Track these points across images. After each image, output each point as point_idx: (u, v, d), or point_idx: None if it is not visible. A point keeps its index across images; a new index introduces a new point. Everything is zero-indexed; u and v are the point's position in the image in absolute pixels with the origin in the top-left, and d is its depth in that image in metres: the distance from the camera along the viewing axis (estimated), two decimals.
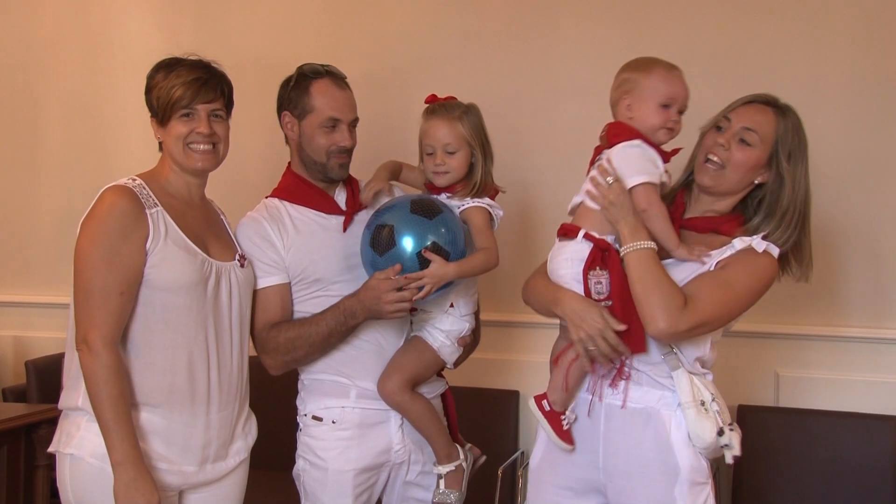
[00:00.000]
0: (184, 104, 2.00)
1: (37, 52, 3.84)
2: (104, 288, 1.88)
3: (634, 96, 1.93)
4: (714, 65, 3.05)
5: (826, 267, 3.03)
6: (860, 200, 3.01)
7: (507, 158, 3.21)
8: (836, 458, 2.86)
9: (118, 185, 1.98)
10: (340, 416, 2.19)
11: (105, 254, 1.89)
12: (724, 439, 1.86)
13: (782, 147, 1.91)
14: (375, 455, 2.21)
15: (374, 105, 2.38)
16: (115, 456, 1.86)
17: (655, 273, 1.85)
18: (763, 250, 1.89)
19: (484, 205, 2.15)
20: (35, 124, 3.87)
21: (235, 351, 2.08)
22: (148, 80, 2.06)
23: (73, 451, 1.95)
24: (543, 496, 2.03)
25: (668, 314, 1.81)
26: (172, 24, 3.65)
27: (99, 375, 1.86)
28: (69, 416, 2.00)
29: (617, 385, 1.92)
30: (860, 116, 3.00)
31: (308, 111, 2.20)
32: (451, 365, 2.26)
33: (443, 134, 2.13)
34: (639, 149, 1.91)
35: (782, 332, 3.05)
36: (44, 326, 3.72)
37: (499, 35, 3.30)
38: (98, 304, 1.88)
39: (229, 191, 2.43)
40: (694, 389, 1.87)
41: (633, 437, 1.91)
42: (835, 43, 3.01)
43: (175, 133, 2.02)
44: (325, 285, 2.19)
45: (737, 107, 1.95)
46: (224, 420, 2.05)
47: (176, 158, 2.04)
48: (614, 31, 3.18)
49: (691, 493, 1.88)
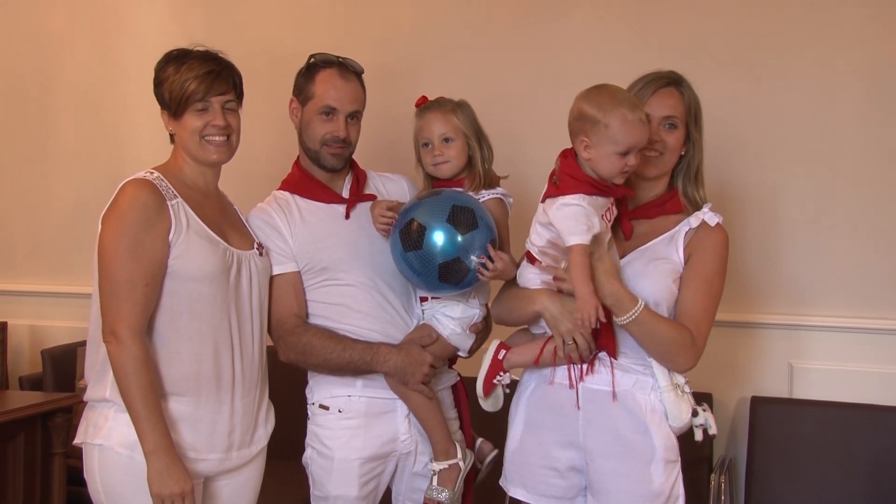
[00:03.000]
0: (199, 97, 2.01)
1: (49, 44, 3.86)
2: (130, 280, 1.90)
3: (593, 140, 1.91)
4: (724, 56, 3.03)
5: (841, 257, 3.01)
6: (875, 190, 2.98)
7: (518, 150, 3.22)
8: (850, 449, 2.84)
9: (138, 178, 1.99)
10: (347, 404, 2.21)
11: (129, 246, 1.91)
12: (698, 419, 1.99)
13: (690, 117, 2.05)
14: (381, 444, 2.22)
15: (384, 96, 2.38)
16: (147, 445, 1.88)
17: (658, 326, 1.94)
18: (715, 224, 2.00)
19: (499, 195, 2.19)
20: (47, 116, 3.89)
21: (256, 338, 2.11)
22: (157, 73, 2.06)
23: (102, 441, 1.96)
24: (525, 476, 2.08)
25: (687, 354, 1.96)
26: (184, 16, 3.66)
27: (128, 366, 1.88)
28: (96, 407, 2.01)
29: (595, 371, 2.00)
30: (873, 105, 2.97)
31: (309, 97, 2.24)
32: (466, 353, 2.26)
33: (438, 125, 2.16)
34: (577, 207, 1.90)
35: (796, 324, 3.03)
36: (58, 315, 3.75)
37: (508, 26, 3.29)
38: (124, 296, 1.90)
39: (241, 182, 2.44)
40: (671, 374, 1.98)
41: (611, 419, 1.98)
42: (846, 32, 2.97)
43: (191, 127, 2.03)
44: (333, 273, 2.21)
45: (647, 99, 2.02)
46: (247, 407, 2.08)
47: (191, 151, 2.06)
48: (624, 22, 3.16)
49: (665, 470, 1.98)
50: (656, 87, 2.04)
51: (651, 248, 2.02)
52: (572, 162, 1.96)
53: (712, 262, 1.99)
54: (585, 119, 1.91)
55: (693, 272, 1.98)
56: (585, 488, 2.04)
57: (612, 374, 1.98)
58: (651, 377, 1.98)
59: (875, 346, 2.98)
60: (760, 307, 3.07)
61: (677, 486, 2.00)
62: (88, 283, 2.02)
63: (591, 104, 1.91)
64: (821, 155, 3.01)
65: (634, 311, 1.91)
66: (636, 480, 1.97)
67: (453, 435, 2.27)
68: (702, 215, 2.01)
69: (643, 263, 2.00)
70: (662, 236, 2.03)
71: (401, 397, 2.21)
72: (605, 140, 1.90)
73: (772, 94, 3.01)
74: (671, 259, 1.99)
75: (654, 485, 1.97)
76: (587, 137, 1.91)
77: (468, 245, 2.03)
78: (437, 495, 2.19)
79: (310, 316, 2.24)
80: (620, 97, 1.93)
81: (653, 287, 1.96)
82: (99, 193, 3.82)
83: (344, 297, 2.21)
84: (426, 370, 2.14)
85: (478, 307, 2.23)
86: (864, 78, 2.97)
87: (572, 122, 1.96)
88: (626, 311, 1.91)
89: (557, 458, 2.03)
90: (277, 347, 2.23)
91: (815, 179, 3.01)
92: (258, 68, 2.77)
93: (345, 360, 2.16)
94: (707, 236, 2.00)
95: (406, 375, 2.15)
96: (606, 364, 2.00)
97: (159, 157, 2.13)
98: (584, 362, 1.99)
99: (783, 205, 3.04)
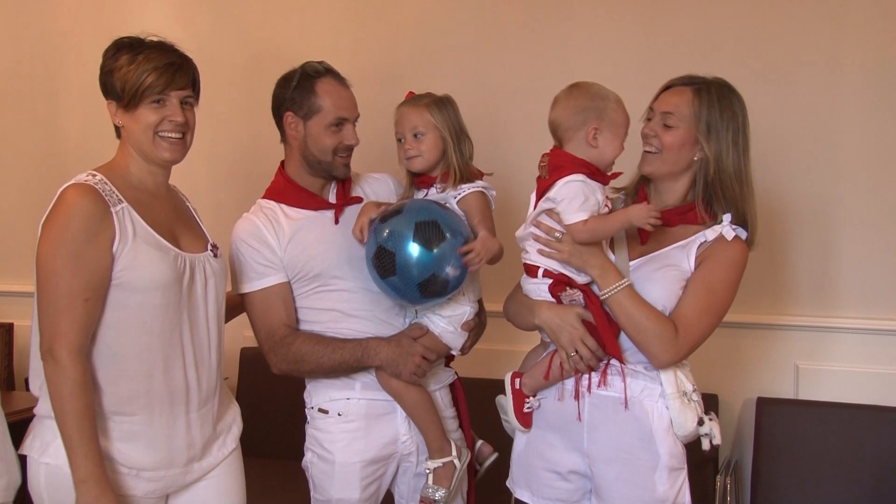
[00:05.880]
0: (157, 90, 1.88)
1: (56, 44, 3.87)
2: (69, 295, 1.78)
3: (604, 125, 1.95)
4: (731, 51, 3.02)
5: (847, 258, 3.00)
6: (880, 190, 2.97)
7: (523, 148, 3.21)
8: (857, 450, 2.83)
9: (79, 183, 1.85)
10: (346, 408, 2.21)
11: (69, 259, 1.78)
12: (704, 428, 1.98)
13: (699, 123, 1.97)
14: (382, 446, 2.22)
15: (389, 97, 2.37)
16: (79, 474, 1.77)
17: (640, 310, 1.93)
18: (733, 238, 1.96)
19: (479, 188, 2.16)
20: (55, 116, 3.90)
21: (213, 344, 2.01)
22: (107, 60, 1.92)
23: (50, 460, 1.85)
24: (531, 479, 2.09)
25: (666, 347, 1.92)
26: (190, 16, 3.66)
27: (64, 389, 1.76)
28: (44, 421, 1.89)
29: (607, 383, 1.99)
30: (883, 99, 2.95)
31: (315, 111, 2.20)
32: (458, 351, 2.25)
33: (410, 119, 2.15)
34: (581, 183, 1.94)
35: (802, 324, 3.02)
36: None
37: (514, 25, 3.28)
38: (63, 311, 1.77)
39: (250, 184, 2.43)
40: (678, 381, 1.97)
41: (616, 426, 1.98)
42: (856, 25, 2.95)
43: (145, 121, 1.90)
44: (325, 280, 2.20)
45: (658, 95, 2.03)
46: (205, 417, 1.99)
47: (142, 147, 1.93)
48: (631, 22, 3.15)
49: (670, 478, 1.97)
50: (670, 84, 2.04)
51: (664, 254, 2.01)
52: (562, 152, 1.98)
53: (720, 271, 1.97)
54: (589, 109, 1.96)
55: (697, 278, 1.97)
56: (590, 492, 2.04)
57: (624, 383, 1.97)
58: (658, 384, 1.97)
59: (882, 346, 2.96)
60: (766, 308, 3.06)
61: (683, 493, 2.00)
62: None
63: (589, 96, 1.97)
64: (826, 155, 3.00)
65: (618, 286, 1.92)
66: (639, 487, 1.97)
67: (452, 434, 2.27)
68: (720, 228, 1.97)
69: (653, 268, 1.99)
70: (677, 244, 2.01)
71: (393, 396, 2.20)
72: (612, 124, 1.96)
73: (779, 93, 3.00)
74: (681, 267, 1.98)
75: (658, 492, 1.97)
76: (597, 124, 1.95)
77: (441, 259, 2.02)
78: (433, 494, 2.18)
79: (303, 323, 2.23)
80: (603, 88, 2.00)
81: (660, 292, 1.96)
82: None
83: (337, 303, 2.20)
84: (418, 360, 2.13)
85: (469, 304, 2.22)
86: (872, 70, 2.94)
87: (571, 116, 1.97)
88: (609, 283, 1.92)
89: (561, 461, 2.04)
90: (269, 360, 2.22)
91: (821, 180, 3.00)
92: (265, 69, 2.77)
93: (336, 362, 2.15)
94: (721, 248, 1.97)
95: (398, 367, 2.13)
96: (617, 373, 1.99)
97: None
98: (594, 371, 1.99)
99: (788, 205, 3.02)
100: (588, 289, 1.98)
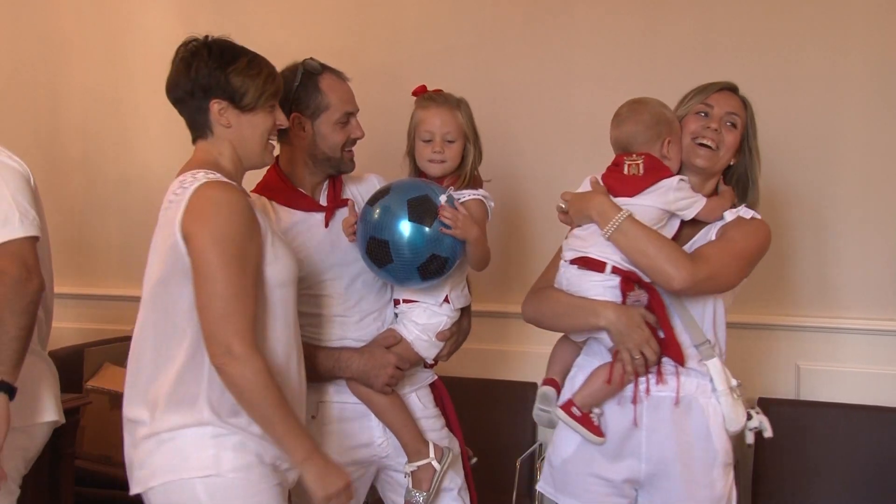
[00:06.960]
0: (277, 97, 1.94)
1: (58, 44, 3.87)
2: (241, 293, 1.77)
3: (674, 137, 2.04)
4: (732, 50, 3.02)
5: (848, 259, 3.00)
6: (881, 191, 2.97)
7: (525, 148, 3.22)
8: (858, 451, 2.84)
9: (221, 181, 1.83)
10: (319, 411, 2.18)
11: (238, 257, 1.77)
12: (752, 422, 2.00)
13: (751, 126, 2.09)
14: (356, 449, 2.19)
15: (390, 96, 2.38)
16: (299, 455, 1.80)
17: (648, 237, 1.92)
18: (751, 217, 2.02)
19: (480, 196, 2.14)
20: (56, 116, 3.90)
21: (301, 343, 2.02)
22: (229, 57, 1.89)
23: (211, 471, 1.79)
24: (577, 486, 2.04)
25: (680, 267, 1.89)
26: (192, 15, 3.66)
27: (258, 382, 1.75)
28: (184, 435, 1.81)
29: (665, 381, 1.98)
30: (883, 99, 2.95)
31: (323, 109, 2.14)
32: (430, 360, 2.21)
33: (443, 122, 2.11)
34: (686, 181, 2.03)
35: (803, 325, 3.03)
36: (65, 317, 3.73)
37: (515, 25, 3.29)
38: (237, 310, 1.76)
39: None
40: (726, 376, 1.99)
41: (675, 425, 1.98)
42: (855, 26, 2.96)
43: (264, 125, 1.91)
44: (310, 284, 2.15)
45: (711, 93, 2.07)
46: (301, 412, 1.97)
47: (250, 149, 1.93)
48: (632, 22, 3.15)
49: (725, 474, 2.00)
50: (719, 87, 2.09)
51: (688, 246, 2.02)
52: (655, 158, 2.03)
53: (737, 233, 1.99)
54: (661, 124, 2.03)
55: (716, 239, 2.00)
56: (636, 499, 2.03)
57: (678, 380, 1.97)
58: (709, 381, 1.98)
59: (883, 347, 2.97)
60: (768, 308, 3.06)
61: (733, 489, 2.02)
62: (95, 284, 2.00)
63: (657, 111, 2.04)
64: (828, 155, 3.00)
65: (619, 217, 1.91)
66: (701, 486, 1.98)
67: (431, 434, 2.22)
68: (737, 211, 2.03)
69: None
70: (700, 233, 2.04)
71: (362, 400, 2.17)
72: (678, 136, 2.05)
73: (779, 91, 3.00)
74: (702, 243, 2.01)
75: (717, 489, 1.98)
76: (671, 135, 2.03)
77: (436, 236, 2.00)
78: (414, 498, 2.15)
79: None
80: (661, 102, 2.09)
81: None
82: (107, 194, 3.87)
83: (322, 307, 2.17)
84: (390, 371, 2.10)
85: (447, 314, 2.18)
86: (871, 71, 2.95)
87: (645, 130, 2.02)
88: (608, 219, 1.92)
89: (614, 469, 2.01)
90: None
91: (823, 180, 3.01)
92: None
93: (308, 371, 2.08)
94: (740, 222, 2.02)
95: (370, 378, 2.11)
96: (671, 371, 1.98)
97: (166, 156, 2.11)
98: (650, 372, 1.97)
99: (790, 206, 3.03)
100: (653, 288, 1.95)
